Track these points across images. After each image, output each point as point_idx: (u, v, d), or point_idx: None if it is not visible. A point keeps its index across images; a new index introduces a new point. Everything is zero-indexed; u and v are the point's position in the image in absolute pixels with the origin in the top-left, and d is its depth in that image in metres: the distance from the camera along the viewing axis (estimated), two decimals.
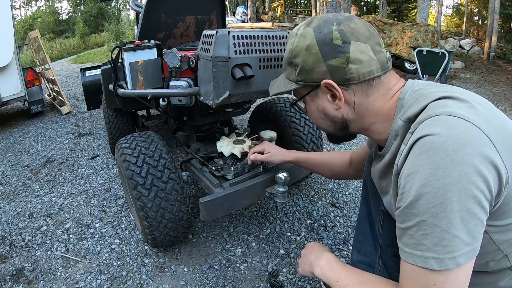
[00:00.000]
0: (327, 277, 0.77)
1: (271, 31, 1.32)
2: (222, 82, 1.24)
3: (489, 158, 0.51)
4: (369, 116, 0.69)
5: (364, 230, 1.09)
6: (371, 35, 0.66)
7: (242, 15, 11.88)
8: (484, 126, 0.53)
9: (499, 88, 5.59)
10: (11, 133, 3.52)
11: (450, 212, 0.51)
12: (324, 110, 0.72)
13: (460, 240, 0.52)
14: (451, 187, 0.51)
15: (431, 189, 0.52)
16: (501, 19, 12.01)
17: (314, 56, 0.65)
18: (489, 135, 0.53)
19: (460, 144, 0.51)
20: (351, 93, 0.67)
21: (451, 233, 0.51)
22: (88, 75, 2.98)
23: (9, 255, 1.55)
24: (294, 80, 0.72)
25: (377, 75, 0.65)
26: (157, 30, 1.97)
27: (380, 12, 12.18)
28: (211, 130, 1.84)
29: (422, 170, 0.53)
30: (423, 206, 0.53)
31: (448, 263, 0.52)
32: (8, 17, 3.51)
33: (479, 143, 0.52)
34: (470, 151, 0.51)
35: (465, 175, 0.50)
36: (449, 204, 0.51)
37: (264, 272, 1.37)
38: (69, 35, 20.62)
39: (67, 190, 2.15)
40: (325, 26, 0.65)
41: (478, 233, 0.53)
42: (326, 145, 2.67)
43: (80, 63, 10.40)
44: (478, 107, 0.57)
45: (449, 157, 0.51)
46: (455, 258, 0.52)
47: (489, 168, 0.51)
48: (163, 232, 1.31)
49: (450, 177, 0.51)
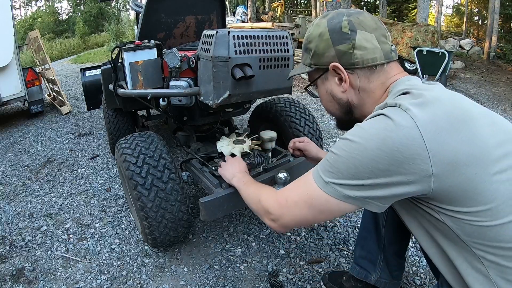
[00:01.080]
0: (239, 186, 1.04)
1: (271, 31, 1.32)
2: (222, 82, 1.24)
3: (411, 152, 0.57)
4: (369, 102, 0.76)
5: (368, 226, 1.11)
6: (377, 27, 0.73)
7: (242, 15, 11.87)
8: (425, 125, 0.58)
9: (499, 88, 5.59)
10: (11, 133, 3.52)
11: (351, 159, 0.62)
12: (332, 92, 0.80)
13: (344, 177, 0.63)
14: (364, 151, 0.61)
15: (352, 138, 0.63)
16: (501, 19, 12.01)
17: (325, 42, 0.74)
18: (424, 134, 0.57)
19: (389, 129, 0.60)
20: (355, 77, 0.74)
21: (341, 168, 0.64)
22: (88, 75, 2.98)
23: (9, 255, 1.55)
24: (308, 64, 0.81)
25: (380, 62, 0.72)
26: (157, 30, 1.97)
27: (380, 12, 12.19)
28: (211, 130, 1.84)
29: (361, 126, 0.65)
30: (342, 146, 0.65)
31: (318, 180, 0.68)
32: (8, 17, 3.51)
33: (407, 135, 0.58)
34: (394, 136, 0.58)
35: (377, 150, 0.59)
36: (352, 159, 0.62)
37: (264, 272, 1.37)
38: (69, 35, 20.63)
39: (67, 190, 2.15)
40: (337, 17, 0.74)
41: (364, 193, 0.63)
42: (326, 145, 2.67)
43: (80, 63, 10.40)
44: (432, 106, 0.61)
45: (379, 130, 0.61)
46: (324, 180, 0.66)
47: (404, 159, 0.58)
48: (163, 232, 1.31)
49: (367, 144, 0.61)
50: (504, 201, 0.58)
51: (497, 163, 0.59)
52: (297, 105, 1.81)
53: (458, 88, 5.18)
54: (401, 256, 1.11)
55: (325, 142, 2.70)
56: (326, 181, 0.66)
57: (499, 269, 0.61)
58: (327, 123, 3.36)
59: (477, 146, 0.58)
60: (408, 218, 0.74)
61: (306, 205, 0.71)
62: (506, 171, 0.59)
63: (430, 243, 0.71)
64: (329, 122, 3.40)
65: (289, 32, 1.46)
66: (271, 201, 0.80)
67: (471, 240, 0.62)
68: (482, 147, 0.59)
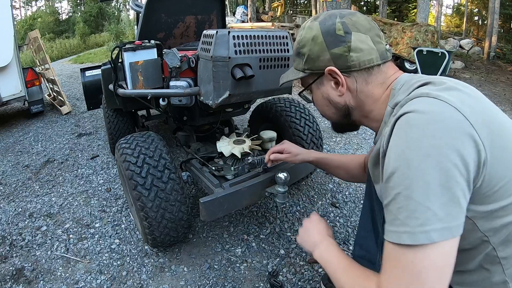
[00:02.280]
0: (324, 262, 0.80)
1: (271, 31, 1.32)
2: (222, 82, 1.24)
3: (465, 134, 0.53)
4: (369, 103, 0.73)
5: (366, 226, 1.10)
6: (371, 27, 0.71)
7: (242, 15, 11.87)
8: (460, 105, 0.55)
9: (499, 88, 5.59)
10: (11, 133, 3.52)
11: (422, 183, 0.51)
12: (328, 97, 0.77)
13: (433, 213, 0.50)
14: (424, 158, 0.51)
15: (404, 161, 0.53)
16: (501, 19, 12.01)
17: (319, 46, 0.72)
18: (465, 114, 0.54)
19: (433, 119, 0.53)
20: (352, 80, 0.72)
21: (424, 204, 0.51)
22: (88, 75, 2.98)
23: (9, 255, 1.55)
24: (302, 69, 0.78)
25: (376, 64, 0.70)
26: (157, 30, 1.97)
27: (380, 12, 12.18)
28: (211, 130, 1.84)
29: (398, 144, 0.56)
30: (398, 179, 0.54)
31: (420, 237, 0.51)
32: (8, 17, 3.50)
33: (453, 119, 0.53)
34: (443, 126, 0.53)
35: (437, 147, 0.51)
36: (421, 175, 0.51)
37: (264, 272, 1.37)
38: (69, 35, 20.63)
39: (67, 190, 2.15)
40: (329, 19, 0.72)
41: (454, 211, 0.52)
42: (326, 145, 2.67)
43: (80, 63, 10.40)
44: (456, 90, 0.59)
45: (422, 131, 0.53)
46: (428, 232, 0.50)
47: (464, 144, 0.52)
48: (163, 232, 1.31)
49: (422, 149, 0.52)
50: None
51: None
52: (297, 105, 1.81)
53: None
54: None
55: (325, 142, 2.70)
56: (412, 231, 0.51)
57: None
58: (327, 123, 3.36)
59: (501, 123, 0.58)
60: None
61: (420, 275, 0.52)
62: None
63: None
64: (329, 121, 3.40)
65: (289, 32, 1.46)
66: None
67: (497, 242, 0.59)
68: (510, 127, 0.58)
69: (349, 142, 2.76)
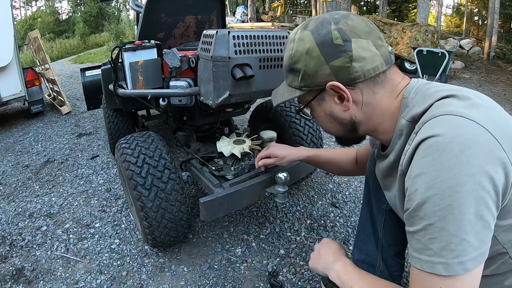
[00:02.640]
0: (342, 283, 0.76)
1: (271, 31, 1.32)
2: (222, 82, 1.24)
3: (496, 158, 0.51)
4: (377, 116, 0.67)
5: (366, 229, 1.09)
6: (370, 30, 0.64)
7: (242, 15, 11.87)
8: (489, 125, 0.52)
9: (499, 88, 5.59)
10: (11, 133, 3.52)
11: (457, 215, 0.50)
12: (332, 114, 0.69)
13: (468, 243, 0.50)
14: (458, 188, 0.49)
15: (437, 191, 0.51)
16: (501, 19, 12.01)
17: (316, 59, 0.63)
18: (495, 134, 0.52)
19: (465, 144, 0.50)
20: (358, 92, 0.65)
21: (459, 236, 0.50)
22: (88, 75, 2.98)
23: (9, 255, 1.55)
24: (298, 86, 0.70)
25: (382, 70, 0.64)
26: (157, 30, 1.97)
27: (380, 12, 12.18)
28: (211, 130, 1.84)
29: (428, 172, 0.52)
30: (430, 209, 0.52)
31: (456, 268, 0.51)
32: (8, 17, 3.50)
33: (485, 142, 0.51)
34: (476, 152, 0.50)
35: (471, 176, 0.49)
36: (456, 206, 0.50)
37: (264, 272, 1.37)
38: (69, 35, 20.63)
39: (67, 190, 2.15)
40: (323, 27, 0.63)
41: (487, 236, 0.52)
42: (326, 145, 2.67)
43: (80, 63, 10.40)
44: (482, 106, 0.56)
45: (455, 158, 0.50)
46: (463, 263, 0.51)
47: (495, 168, 0.50)
48: (163, 232, 1.31)
49: (456, 179, 0.49)
50: None
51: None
52: (297, 105, 1.81)
53: None
54: (401, 256, 1.10)
55: (325, 142, 2.70)
56: (448, 263, 0.51)
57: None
58: None
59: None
60: None
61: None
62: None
63: None
64: None
65: (289, 32, 1.46)
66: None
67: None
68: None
69: None
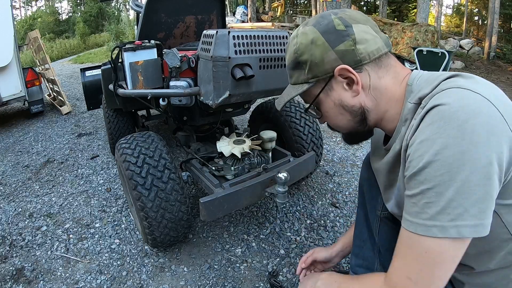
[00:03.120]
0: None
1: (271, 31, 1.32)
2: (222, 82, 1.24)
3: (500, 131, 0.52)
4: (384, 101, 0.68)
5: (361, 235, 1.08)
6: (366, 19, 0.68)
7: (242, 15, 11.87)
8: (494, 99, 0.54)
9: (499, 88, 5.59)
10: (11, 133, 3.52)
11: (457, 181, 0.51)
12: (341, 102, 0.70)
13: (465, 209, 0.51)
14: (460, 156, 0.50)
15: (440, 157, 0.52)
16: (501, 19, 12.01)
17: (321, 47, 0.66)
18: (499, 108, 0.53)
19: (471, 113, 0.51)
20: (366, 75, 0.66)
21: (457, 201, 0.51)
22: (88, 75, 2.98)
23: (9, 255, 1.55)
24: (305, 80, 0.71)
25: (384, 52, 0.66)
26: (157, 30, 1.97)
27: (380, 12, 12.19)
28: (211, 130, 1.84)
29: (433, 139, 0.53)
30: (430, 174, 0.53)
31: (451, 231, 0.52)
32: (8, 17, 3.50)
33: (490, 113, 0.52)
34: (481, 121, 0.51)
35: (475, 145, 0.50)
36: (457, 173, 0.51)
37: (264, 272, 1.37)
38: (69, 35, 20.66)
39: (67, 190, 2.15)
40: (323, 19, 0.67)
41: (488, 208, 0.52)
42: (326, 145, 2.67)
43: (80, 63, 10.40)
44: (486, 84, 0.58)
45: (460, 127, 0.51)
46: (458, 227, 0.52)
47: (499, 140, 0.51)
48: (163, 232, 1.31)
49: (459, 146, 0.50)
50: None
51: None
52: (297, 105, 1.81)
53: None
54: None
55: (325, 142, 2.71)
56: (444, 225, 0.53)
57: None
58: None
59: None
60: None
61: (433, 263, 0.56)
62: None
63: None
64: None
65: (289, 32, 1.46)
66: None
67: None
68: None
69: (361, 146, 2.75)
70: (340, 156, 2.47)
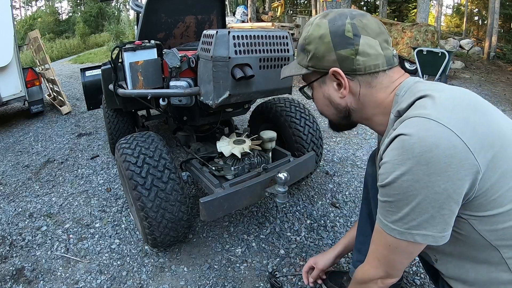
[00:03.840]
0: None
1: (271, 31, 1.32)
2: (222, 82, 1.24)
3: (458, 159, 0.56)
4: (371, 107, 0.73)
5: (364, 231, 1.09)
6: (381, 32, 0.70)
7: (242, 15, 11.87)
8: (460, 126, 0.57)
9: (499, 88, 5.58)
10: (11, 133, 3.52)
11: (413, 203, 0.59)
12: (329, 97, 0.76)
13: (418, 224, 0.61)
14: (415, 183, 0.58)
15: (399, 181, 0.60)
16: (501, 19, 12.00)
17: (326, 45, 0.70)
18: (463, 135, 0.56)
19: (427, 147, 0.56)
20: (356, 84, 0.71)
21: (411, 216, 0.61)
22: (88, 75, 2.98)
23: (9, 255, 1.55)
24: (305, 65, 0.77)
25: (382, 69, 0.70)
26: (157, 30, 1.97)
27: (380, 12, 12.18)
28: (211, 130, 1.84)
29: (394, 163, 0.60)
30: (391, 192, 0.62)
31: (407, 236, 0.63)
32: (8, 17, 3.50)
33: (449, 146, 0.56)
34: (436, 154, 0.56)
35: (429, 175, 0.57)
36: (412, 196, 0.59)
37: (264, 272, 1.37)
38: (69, 35, 20.64)
39: (67, 190, 2.15)
40: (339, 19, 0.70)
41: (439, 223, 0.60)
42: (326, 145, 2.67)
43: (80, 63, 10.40)
44: (457, 106, 0.61)
45: (415, 158, 0.57)
46: (413, 235, 0.62)
47: (456, 170, 0.56)
48: (163, 232, 1.31)
49: (415, 176, 0.58)
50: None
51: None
52: (297, 105, 1.81)
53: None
54: None
55: (325, 142, 2.70)
56: (401, 231, 0.64)
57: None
58: (327, 123, 3.36)
59: (505, 135, 0.61)
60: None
61: (394, 253, 0.69)
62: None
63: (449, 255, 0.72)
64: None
65: (289, 32, 1.46)
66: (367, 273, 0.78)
67: (502, 244, 0.63)
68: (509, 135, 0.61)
69: (349, 142, 2.75)
70: (340, 156, 2.47)
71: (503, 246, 0.63)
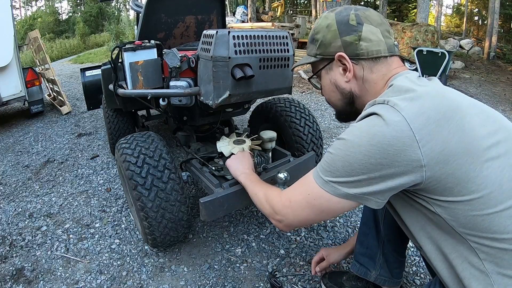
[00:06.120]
0: (246, 184, 1.10)
1: (271, 31, 1.32)
2: (222, 82, 1.24)
3: (398, 143, 0.61)
4: (371, 94, 0.78)
5: (368, 222, 1.12)
6: (382, 22, 0.77)
7: (242, 15, 11.86)
8: (411, 112, 0.62)
9: (499, 88, 5.58)
10: (11, 133, 3.52)
11: (344, 162, 0.67)
12: (335, 82, 0.83)
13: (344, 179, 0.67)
14: (353, 151, 0.66)
15: (347, 144, 0.67)
16: (501, 19, 12.01)
17: (333, 33, 0.78)
18: (411, 120, 0.61)
19: (374, 134, 0.63)
20: (360, 68, 0.77)
21: (335, 166, 0.68)
22: (88, 75, 2.98)
23: (9, 255, 1.55)
24: (314, 54, 0.84)
25: (383, 55, 0.76)
26: (157, 30, 1.97)
27: (380, 12, 12.17)
28: (211, 130, 1.84)
29: (353, 132, 0.68)
30: (337, 145, 0.70)
31: (328, 188, 0.70)
32: (8, 17, 3.50)
33: (397, 133, 0.61)
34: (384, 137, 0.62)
35: (365, 153, 0.64)
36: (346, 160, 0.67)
37: (264, 272, 1.37)
38: (69, 35, 20.66)
39: (67, 190, 2.15)
40: (345, 11, 0.78)
41: (357, 187, 0.67)
42: (326, 145, 2.67)
43: (80, 63, 10.41)
44: (420, 98, 0.64)
45: (360, 134, 0.66)
46: (335, 188, 0.69)
47: (394, 153, 0.61)
48: (163, 232, 1.31)
49: (354, 148, 0.65)
50: (495, 189, 0.60)
51: (487, 151, 0.61)
52: (297, 105, 1.81)
53: (458, 88, 5.17)
54: (401, 254, 1.11)
55: (325, 142, 2.70)
56: (326, 180, 0.71)
57: (495, 262, 0.62)
58: (327, 123, 3.36)
59: (467, 136, 0.61)
60: (404, 215, 0.76)
61: (309, 205, 0.75)
62: (497, 159, 0.61)
63: (426, 239, 0.72)
64: (329, 122, 3.40)
65: (289, 32, 1.46)
66: (276, 201, 0.86)
67: (466, 232, 0.64)
68: (472, 137, 0.62)
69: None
70: None
71: (469, 235, 0.64)
